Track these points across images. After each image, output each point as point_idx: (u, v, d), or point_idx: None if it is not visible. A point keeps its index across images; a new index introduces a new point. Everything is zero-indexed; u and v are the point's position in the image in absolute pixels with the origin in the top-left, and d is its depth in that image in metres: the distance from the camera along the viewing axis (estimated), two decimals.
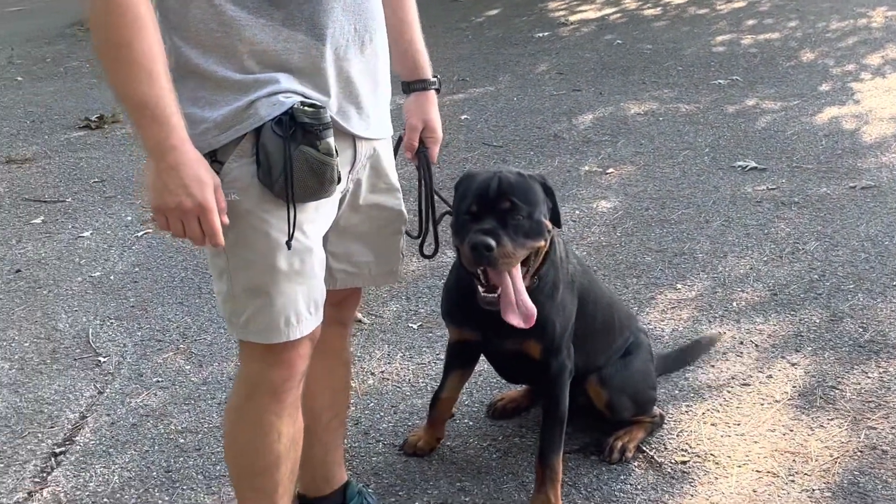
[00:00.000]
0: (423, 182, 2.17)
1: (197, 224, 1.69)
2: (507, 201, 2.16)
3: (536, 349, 2.39)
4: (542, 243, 2.23)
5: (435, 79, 2.19)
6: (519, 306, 2.15)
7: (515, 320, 2.14)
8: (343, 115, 1.84)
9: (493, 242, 2.08)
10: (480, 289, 2.19)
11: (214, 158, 1.75)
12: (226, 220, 1.72)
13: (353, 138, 1.90)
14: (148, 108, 1.62)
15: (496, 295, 2.16)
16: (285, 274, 1.82)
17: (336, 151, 1.77)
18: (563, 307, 2.38)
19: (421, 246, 2.25)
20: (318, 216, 1.86)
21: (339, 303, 2.13)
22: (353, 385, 3.08)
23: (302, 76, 1.77)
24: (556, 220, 2.29)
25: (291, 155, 1.71)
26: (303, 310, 1.86)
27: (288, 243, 1.78)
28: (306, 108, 1.73)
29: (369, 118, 1.92)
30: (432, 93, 2.19)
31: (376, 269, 2.13)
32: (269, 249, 1.79)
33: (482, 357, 2.67)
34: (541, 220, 2.20)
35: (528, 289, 2.22)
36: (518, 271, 2.18)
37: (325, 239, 1.96)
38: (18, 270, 4.08)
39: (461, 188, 2.26)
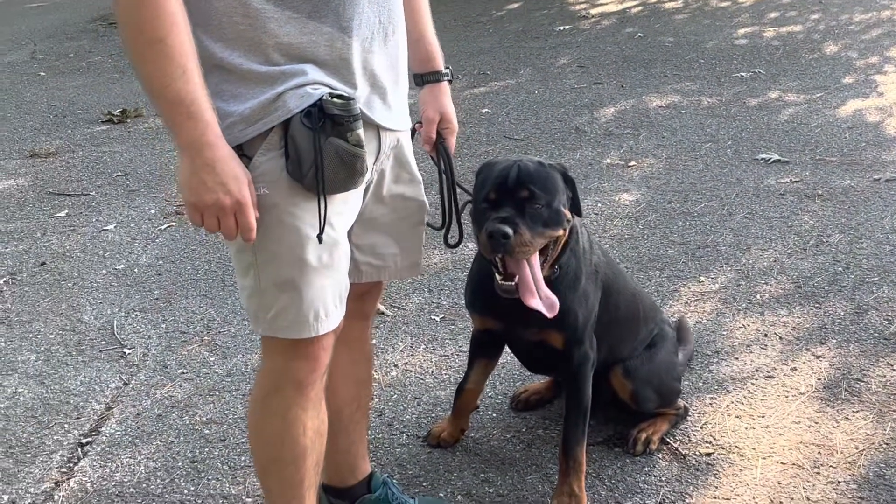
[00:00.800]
0: (444, 173, 2.17)
1: (233, 220, 1.68)
2: (526, 190, 2.16)
3: (559, 339, 2.39)
4: (561, 232, 2.22)
5: (447, 69, 2.18)
6: (539, 294, 2.15)
7: (538, 305, 2.13)
8: (368, 106, 1.84)
9: (510, 231, 2.08)
10: (498, 277, 2.19)
11: (241, 152, 1.74)
12: (257, 214, 1.72)
13: (378, 129, 1.90)
14: (184, 104, 1.61)
15: (513, 283, 2.15)
16: (314, 267, 1.81)
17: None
18: (585, 298, 2.38)
19: (445, 236, 2.25)
20: (345, 208, 1.86)
21: (362, 296, 2.13)
22: (377, 377, 3.09)
23: (328, 68, 1.77)
24: (576, 210, 2.28)
25: (322, 147, 1.71)
26: (330, 303, 1.86)
27: (319, 237, 1.77)
28: (335, 99, 1.72)
29: (392, 109, 1.91)
30: (445, 84, 2.18)
31: (401, 261, 2.12)
32: (298, 243, 1.78)
33: (506, 349, 2.68)
34: (559, 209, 2.19)
35: (547, 279, 2.22)
36: (536, 260, 2.17)
37: (350, 231, 1.96)
38: (44, 263, 4.11)
39: (481, 176, 2.26)
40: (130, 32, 1.62)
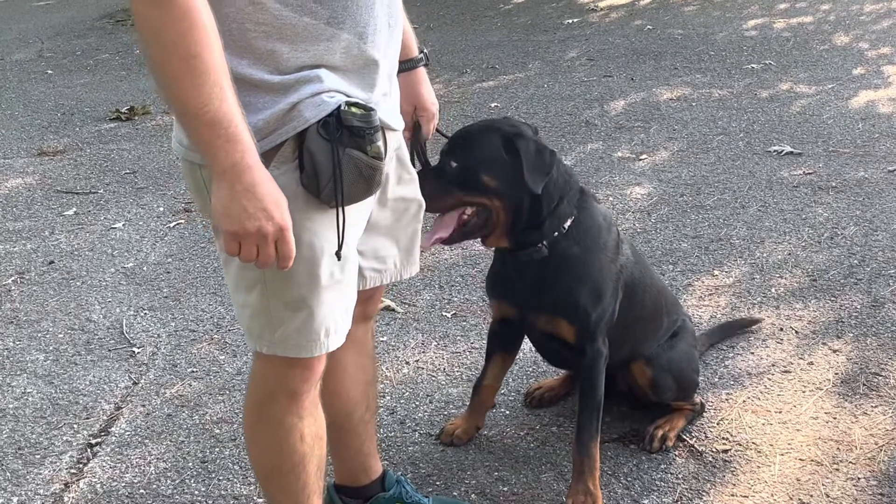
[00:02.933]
0: (416, 158, 2.13)
1: (274, 248, 1.59)
2: (451, 146, 2.25)
3: (570, 331, 2.37)
4: (481, 199, 2.23)
5: (422, 53, 2.12)
6: (432, 234, 2.25)
7: (426, 241, 2.20)
8: (377, 107, 1.75)
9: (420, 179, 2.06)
10: None
11: None
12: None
13: (383, 130, 1.80)
14: (221, 125, 1.50)
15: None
16: (327, 284, 1.75)
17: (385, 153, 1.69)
18: (598, 295, 2.35)
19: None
20: (356, 219, 1.79)
21: (366, 300, 2.07)
22: (389, 374, 3.06)
23: (343, 73, 1.69)
24: (527, 180, 2.20)
25: (341, 159, 1.63)
26: (339, 319, 1.81)
27: (338, 253, 1.71)
28: (354, 109, 1.64)
29: (393, 109, 1.86)
30: (421, 69, 2.13)
31: (400, 261, 2.06)
32: (313, 260, 1.71)
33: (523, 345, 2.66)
34: (474, 173, 2.20)
35: (520, 258, 2.31)
36: (452, 218, 2.24)
37: None
38: (52, 262, 4.09)
39: None
40: (162, 49, 1.49)
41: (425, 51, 2.14)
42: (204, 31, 1.48)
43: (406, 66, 2.07)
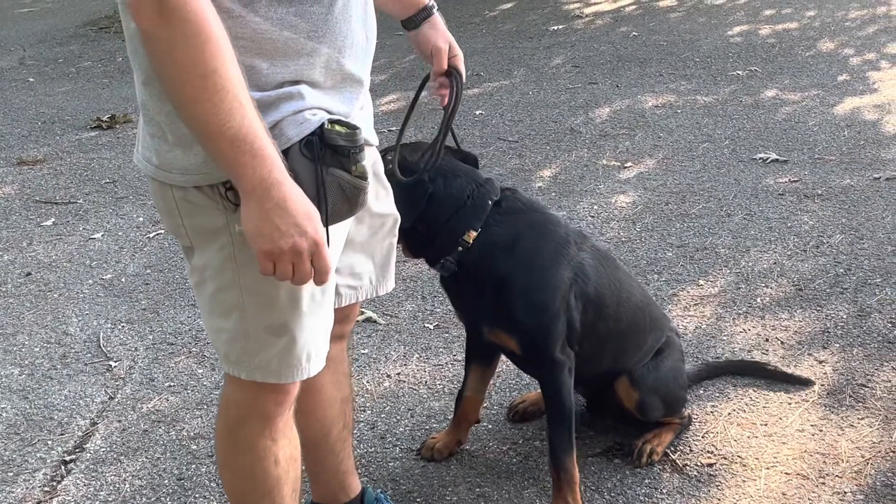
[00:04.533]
0: (450, 107, 2.06)
1: (309, 263, 1.53)
2: None
3: (512, 342, 2.35)
4: None
5: (433, 2, 2.08)
6: None
7: None
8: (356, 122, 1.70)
9: None
10: None
11: (230, 186, 1.57)
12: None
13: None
14: (246, 141, 1.44)
15: None
16: (308, 308, 1.70)
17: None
18: (536, 304, 2.30)
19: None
20: (336, 239, 1.73)
21: (342, 320, 2.02)
22: (370, 388, 3.01)
23: (323, 89, 1.63)
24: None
25: (324, 179, 1.56)
26: (320, 342, 1.76)
27: None
28: (338, 127, 1.58)
29: (370, 124, 1.82)
30: (437, 15, 2.08)
31: (376, 277, 2.03)
32: (317, 285, 1.63)
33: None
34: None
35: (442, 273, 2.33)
36: None
37: None
38: (29, 273, 4.03)
39: None
40: (178, 70, 1.42)
41: (425, 5, 2.07)
42: (219, 44, 1.42)
43: (424, 14, 2.05)
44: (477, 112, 5.97)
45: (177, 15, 1.38)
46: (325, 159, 1.56)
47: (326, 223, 1.58)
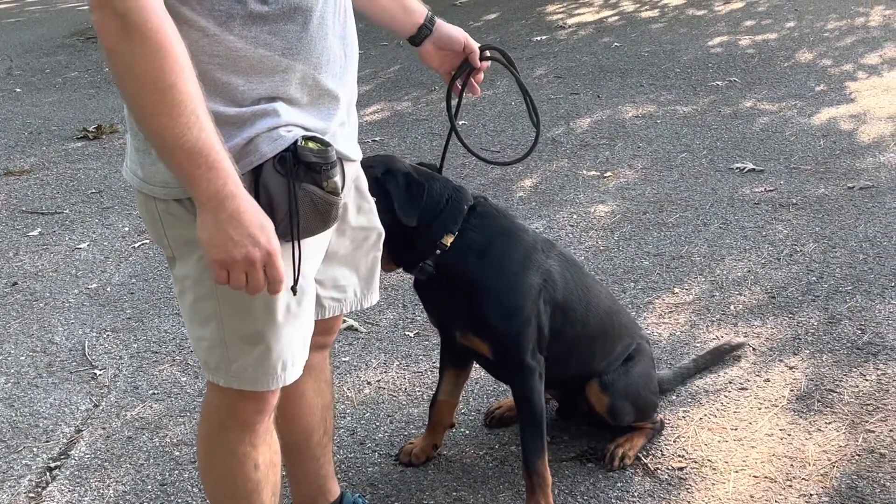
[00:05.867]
0: (524, 91, 2.32)
1: (262, 273, 1.58)
2: None
3: (483, 346, 2.41)
4: None
5: (427, 21, 2.17)
6: None
7: None
8: (333, 139, 1.74)
9: None
10: None
11: None
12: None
13: (341, 161, 1.80)
14: (202, 154, 1.49)
15: None
16: (283, 318, 1.75)
17: (342, 188, 1.70)
18: (507, 309, 2.36)
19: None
20: (313, 252, 1.79)
21: (325, 331, 2.08)
22: (350, 395, 3.07)
23: (300, 106, 1.69)
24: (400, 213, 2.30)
25: (297, 194, 1.62)
26: (297, 352, 1.82)
27: (293, 288, 1.70)
28: (311, 144, 1.63)
29: (350, 139, 1.87)
30: (437, 27, 2.19)
31: (360, 290, 2.08)
32: (270, 294, 1.70)
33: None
34: None
35: (418, 277, 2.40)
36: None
37: None
38: (15, 283, 4.08)
39: None
40: (138, 84, 1.47)
41: (429, 15, 2.17)
42: (177, 60, 1.47)
43: (432, 20, 2.16)
44: (459, 123, 6.02)
45: (138, 32, 1.44)
46: (298, 175, 1.62)
47: (298, 237, 1.64)
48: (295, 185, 1.62)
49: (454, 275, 2.35)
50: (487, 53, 2.27)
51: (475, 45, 2.24)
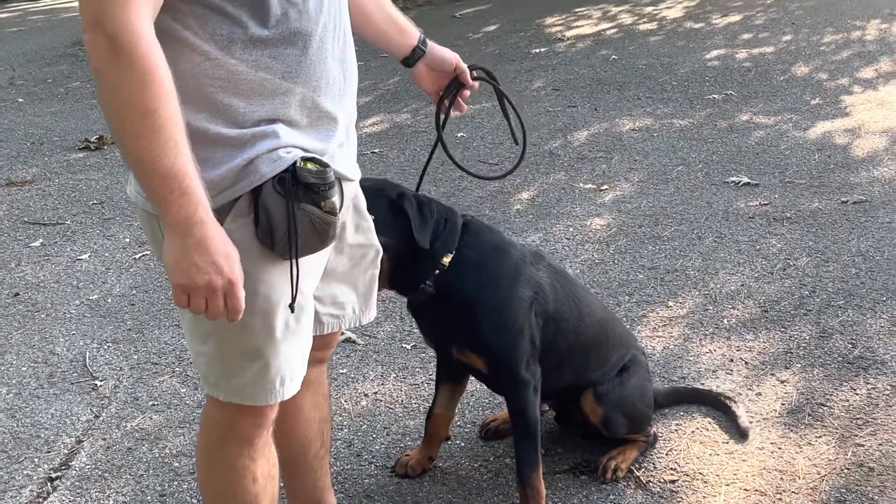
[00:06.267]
0: (510, 106, 2.38)
1: (223, 301, 1.61)
2: None
3: (479, 362, 2.45)
4: None
5: (419, 44, 2.24)
6: None
7: None
8: (332, 160, 1.80)
9: None
10: None
11: None
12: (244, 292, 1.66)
13: (340, 181, 1.84)
14: (176, 179, 1.52)
15: None
16: (282, 334, 1.79)
17: (340, 208, 1.75)
18: (502, 323, 2.41)
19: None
20: (311, 269, 1.83)
21: (323, 346, 2.13)
22: (347, 407, 3.11)
23: (299, 127, 1.73)
24: (416, 236, 2.34)
25: (295, 214, 1.67)
26: (295, 367, 1.86)
27: (291, 306, 1.74)
28: (310, 165, 1.68)
29: (349, 160, 1.92)
30: (428, 50, 2.25)
31: (359, 306, 2.13)
32: (268, 311, 1.75)
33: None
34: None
35: (416, 299, 2.44)
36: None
37: None
38: (17, 294, 4.12)
39: None
40: (120, 105, 1.51)
41: (421, 38, 2.24)
42: (162, 86, 1.51)
43: (424, 44, 2.23)
44: (458, 135, 6.10)
45: (127, 55, 1.48)
46: (296, 195, 1.67)
47: (297, 255, 1.69)
48: (294, 204, 1.67)
49: (450, 293, 2.40)
50: (475, 74, 2.33)
51: (465, 66, 2.30)
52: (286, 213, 1.67)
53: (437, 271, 2.38)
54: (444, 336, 2.53)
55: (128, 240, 4.66)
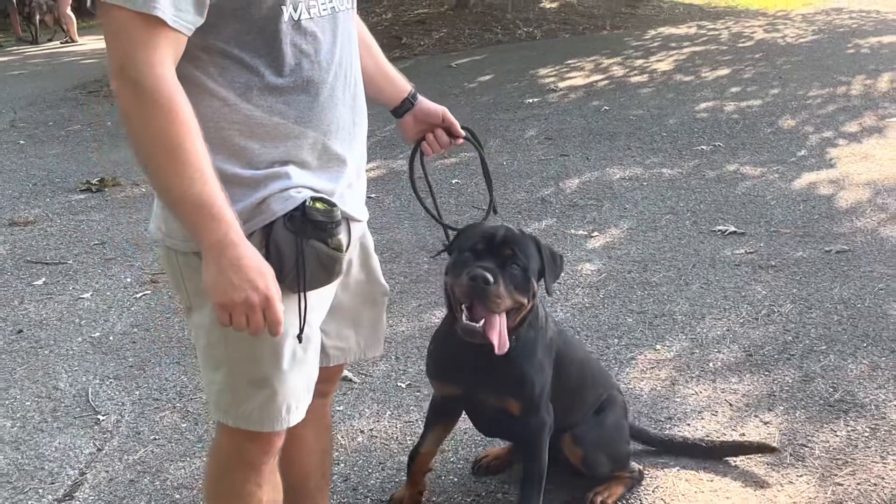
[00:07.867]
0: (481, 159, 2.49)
1: (262, 316, 1.71)
2: (510, 249, 2.32)
3: (516, 406, 2.52)
4: (526, 301, 2.36)
5: (409, 96, 2.35)
6: (501, 335, 2.28)
7: (495, 339, 2.26)
8: (341, 200, 1.91)
9: (491, 277, 2.23)
10: (464, 317, 2.28)
11: None
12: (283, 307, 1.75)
13: (348, 221, 1.96)
14: (206, 206, 1.64)
15: (479, 324, 2.26)
16: (289, 364, 1.89)
17: (347, 245, 1.85)
18: (541, 369, 2.52)
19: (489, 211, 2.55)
20: (319, 303, 1.94)
21: (327, 379, 2.22)
22: (344, 442, 3.20)
23: (310, 169, 1.86)
24: (547, 285, 2.43)
25: (304, 250, 1.79)
26: (301, 396, 1.95)
27: (299, 336, 1.84)
28: (318, 204, 1.80)
29: (358, 201, 2.03)
30: (418, 104, 2.36)
31: (364, 341, 2.23)
32: (277, 341, 1.83)
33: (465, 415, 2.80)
34: (531, 278, 2.34)
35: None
36: (504, 317, 2.31)
37: None
38: (20, 331, 4.22)
39: (466, 232, 2.43)
40: (148, 142, 1.64)
41: (412, 91, 2.36)
42: (185, 122, 1.64)
43: (414, 96, 2.34)
44: (453, 181, 6.24)
45: (150, 97, 1.62)
46: (305, 232, 1.79)
47: (304, 289, 1.80)
48: (302, 241, 1.79)
49: (521, 342, 2.46)
50: (464, 134, 2.42)
51: (454, 119, 2.39)
52: (295, 248, 1.79)
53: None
54: (484, 383, 2.51)
55: (129, 279, 4.76)
